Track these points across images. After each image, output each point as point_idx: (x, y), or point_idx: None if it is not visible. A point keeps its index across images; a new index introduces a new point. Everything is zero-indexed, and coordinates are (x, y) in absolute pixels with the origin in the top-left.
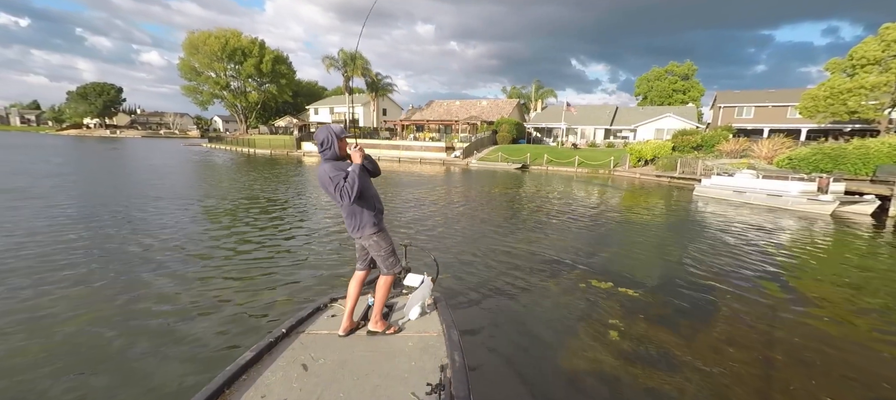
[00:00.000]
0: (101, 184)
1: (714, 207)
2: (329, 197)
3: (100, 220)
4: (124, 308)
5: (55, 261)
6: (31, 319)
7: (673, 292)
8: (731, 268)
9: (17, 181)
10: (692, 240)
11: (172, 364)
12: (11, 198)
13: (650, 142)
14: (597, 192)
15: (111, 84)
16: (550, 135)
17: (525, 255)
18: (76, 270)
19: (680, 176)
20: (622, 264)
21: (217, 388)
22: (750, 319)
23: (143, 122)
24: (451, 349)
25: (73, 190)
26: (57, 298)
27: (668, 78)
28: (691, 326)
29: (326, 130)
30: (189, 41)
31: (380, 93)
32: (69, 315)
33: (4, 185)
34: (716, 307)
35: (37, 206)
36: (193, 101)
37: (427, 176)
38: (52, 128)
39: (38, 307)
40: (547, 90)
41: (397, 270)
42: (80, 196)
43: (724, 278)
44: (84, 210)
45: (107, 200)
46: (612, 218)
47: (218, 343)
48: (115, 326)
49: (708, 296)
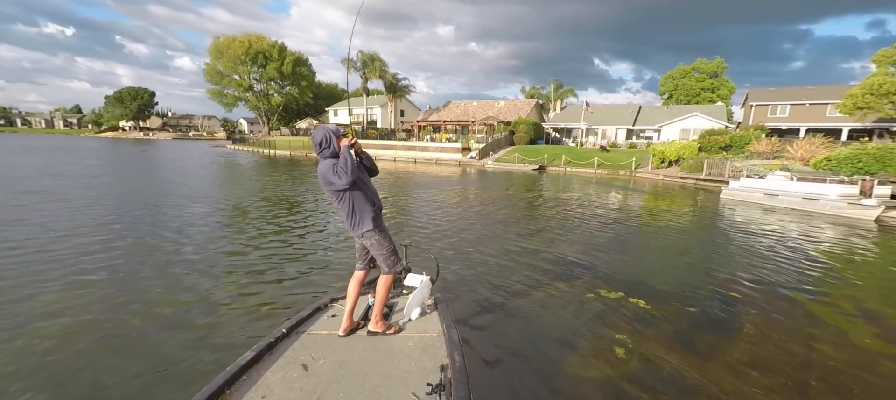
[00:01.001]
0: (126, 185)
1: (742, 211)
2: (331, 196)
3: (125, 219)
4: (150, 298)
5: (86, 252)
6: (58, 307)
7: (691, 305)
8: (758, 278)
9: (48, 183)
10: (716, 246)
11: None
12: (39, 199)
13: (675, 142)
14: (616, 194)
15: (145, 88)
16: (570, 135)
17: (533, 258)
18: (103, 265)
19: (706, 178)
20: (637, 272)
21: (217, 388)
22: (778, 339)
23: (173, 125)
24: (451, 349)
25: (98, 191)
26: (86, 289)
27: (695, 76)
28: (709, 344)
29: (323, 131)
30: (215, 46)
31: (397, 94)
32: (97, 304)
33: (35, 187)
34: (739, 323)
35: (62, 206)
36: (219, 103)
37: (441, 177)
38: (91, 131)
39: (68, 295)
40: (566, 89)
41: (398, 269)
42: (105, 196)
43: (750, 290)
44: (110, 211)
45: (132, 201)
46: (630, 221)
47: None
48: (140, 314)
49: (731, 309)
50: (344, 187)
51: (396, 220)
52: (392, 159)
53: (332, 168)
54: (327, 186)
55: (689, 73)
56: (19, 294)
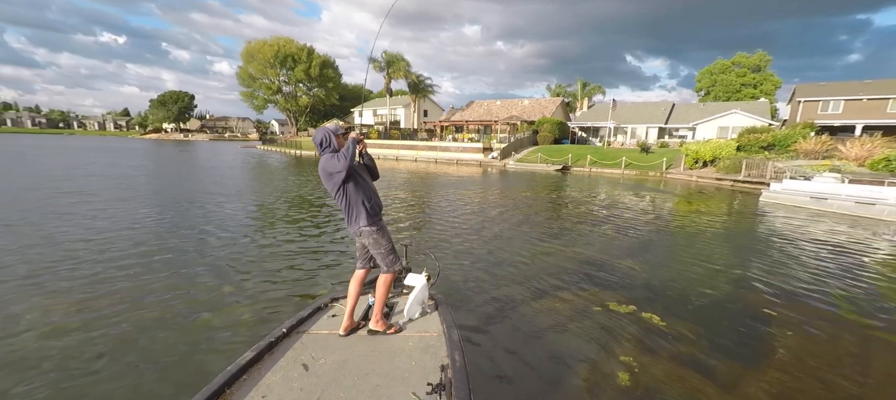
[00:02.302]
0: (159, 185)
1: (785, 216)
2: (332, 192)
3: (158, 218)
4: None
5: (123, 246)
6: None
7: (714, 323)
8: (798, 294)
9: (89, 183)
10: (751, 255)
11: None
12: (73, 201)
13: (710, 141)
14: (644, 196)
15: (185, 92)
16: (597, 135)
17: (544, 263)
18: (142, 259)
19: (744, 179)
20: (655, 282)
21: (217, 388)
22: (818, 368)
23: (211, 127)
24: (451, 349)
25: (132, 190)
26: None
27: (735, 71)
28: (732, 371)
29: (323, 131)
30: (247, 50)
31: (421, 94)
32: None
33: (76, 187)
34: (770, 347)
35: (96, 207)
36: (249, 105)
37: (459, 177)
38: (137, 132)
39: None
40: (594, 87)
41: (398, 268)
42: (138, 197)
43: (787, 307)
44: (143, 209)
45: (165, 201)
46: (655, 225)
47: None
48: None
49: (762, 330)
50: (342, 171)
51: (406, 218)
52: (413, 159)
53: (332, 156)
54: (327, 179)
55: (728, 69)
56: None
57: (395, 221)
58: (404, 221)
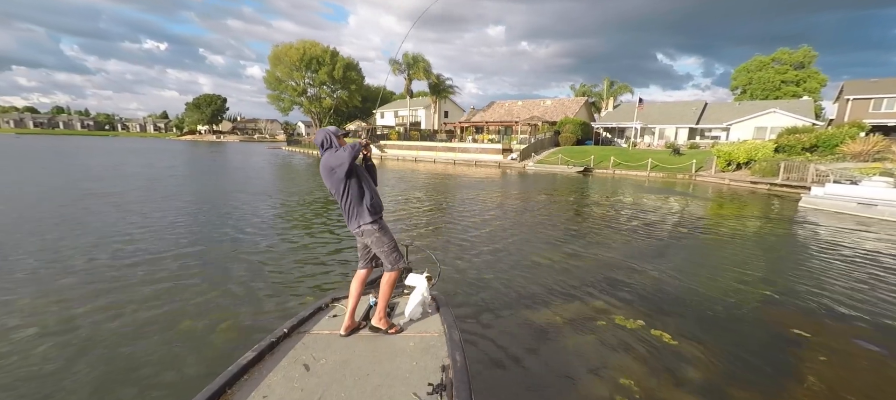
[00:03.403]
0: (189, 185)
1: (827, 223)
2: (333, 190)
3: (189, 216)
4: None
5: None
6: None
7: (734, 344)
8: (838, 312)
9: (120, 182)
10: (785, 267)
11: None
12: (104, 202)
13: (745, 142)
14: (669, 200)
15: (217, 95)
16: (622, 135)
17: (550, 268)
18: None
19: (782, 183)
20: (672, 294)
21: (218, 388)
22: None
23: (241, 128)
24: (452, 350)
25: (164, 191)
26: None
27: (774, 67)
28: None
29: (324, 133)
30: (274, 53)
31: (441, 95)
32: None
33: (110, 188)
34: (800, 373)
35: (127, 207)
36: (276, 107)
37: (476, 179)
38: (174, 134)
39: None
40: (621, 86)
41: (401, 266)
42: (166, 197)
43: (824, 328)
44: (172, 208)
45: (197, 201)
46: (678, 231)
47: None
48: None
49: (791, 352)
50: (345, 164)
51: (412, 218)
52: (431, 160)
53: (335, 151)
54: (329, 175)
55: (766, 65)
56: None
57: (400, 219)
58: (410, 220)
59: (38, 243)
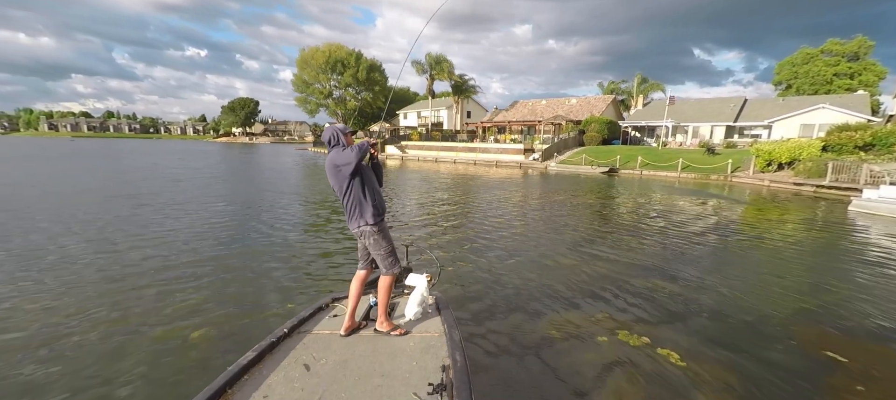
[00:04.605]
0: (216, 187)
1: (880, 230)
2: (337, 189)
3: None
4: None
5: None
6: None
7: (754, 366)
8: (886, 334)
9: (151, 185)
10: (826, 278)
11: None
12: (135, 204)
13: (788, 140)
14: (700, 202)
15: (250, 99)
16: (653, 134)
17: (557, 272)
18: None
19: (830, 184)
20: (686, 308)
21: (219, 388)
22: None
23: (272, 130)
24: (452, 350)
25: (193, 192)
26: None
27: (823, 59)
28: None
29: (332, 130)
30: (301, 57)
31: (464, 95)
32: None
33: (138, 189)
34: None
35: (158, 208)
36: (303, 110)
37: (495, 180)
38: (210, 136)
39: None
40: (652, 83)
41: (396, 271)
42: (198, 198)
43: (866, 352)
44: (201, 209)
45: (227, 203)
46: (705, 236)
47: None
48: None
49: (823, 381)
50: (351, 163)
51: (417, 218)
52: (452, 161)
53: (341, 149)
54: (335, 173)
55: (814, 58)
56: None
57: (401, 219)
58: (413, 221)
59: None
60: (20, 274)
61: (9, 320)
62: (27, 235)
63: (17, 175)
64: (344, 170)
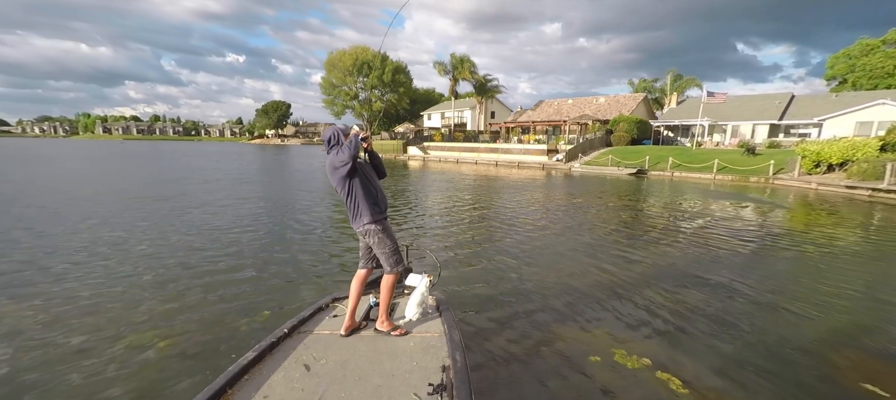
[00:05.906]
0: (243, 187)
1: None
2: (338, 188)
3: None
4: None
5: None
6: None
7: (774, 395)
8: None
9: (181, 186)
10: (877, 296)
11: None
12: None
13: (840, 139)
14: (737, 206)
15: (283, 101)
16: (687, 134)
17: (559, 280)
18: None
19: (889, 188)
20: (700, 326)
21: (219, 388)
22: None
23: (303, 132)
24: (452, 350)
25: (216, 193)
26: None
27: (885, 51)
28: None
29: (332, 130)
30: (329, 60)
31: (487, 95)
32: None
33: (169, 190)
34: None
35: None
36: (330, 112)
37: (515, 181)
38: (245, 138)
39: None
40: (687, 80)
41: (400, 269)
42: (215, 198)
43: None
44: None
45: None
46: (736, 242)
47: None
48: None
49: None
50: (347, 163)
51: (422, 218)
52: (473, 162)
53: (338, 151)
54: (333, 173)
55: (875, 49)
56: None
57: (404, 218)
58: (417, 221)
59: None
60: (142, 267)
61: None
62: (111, 231)
63: (107, 176)
64: (341, 171)
